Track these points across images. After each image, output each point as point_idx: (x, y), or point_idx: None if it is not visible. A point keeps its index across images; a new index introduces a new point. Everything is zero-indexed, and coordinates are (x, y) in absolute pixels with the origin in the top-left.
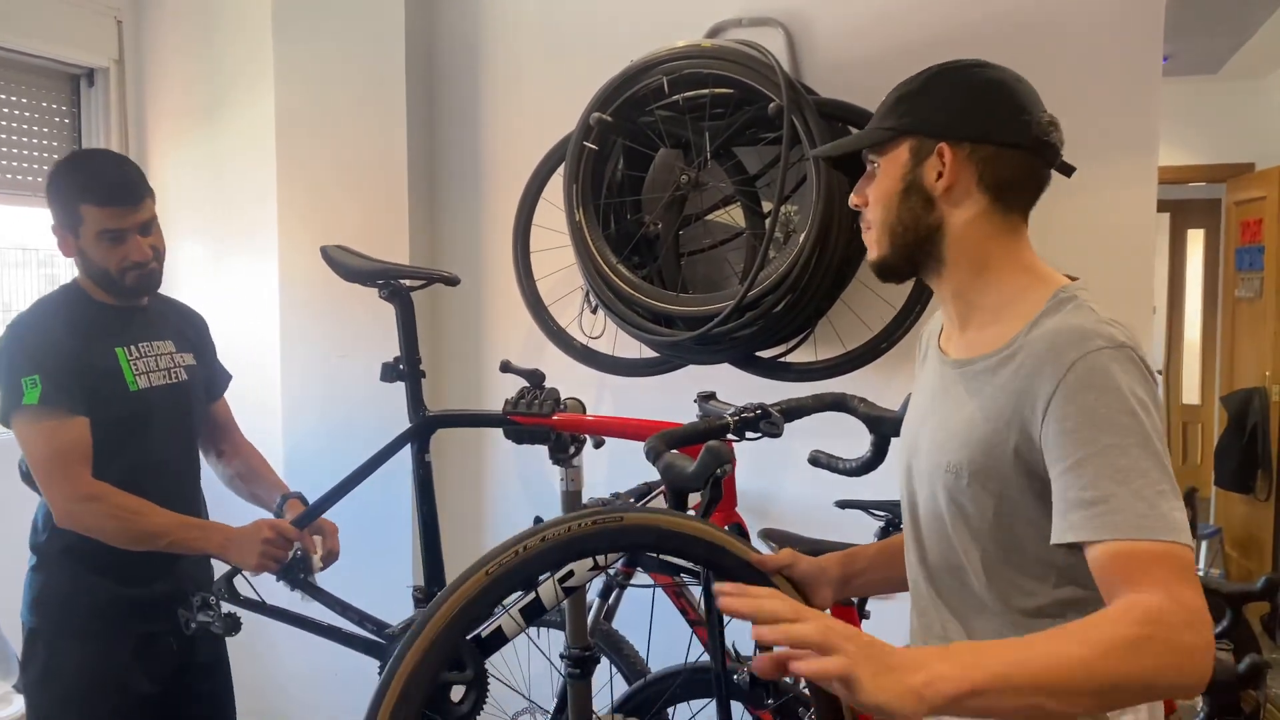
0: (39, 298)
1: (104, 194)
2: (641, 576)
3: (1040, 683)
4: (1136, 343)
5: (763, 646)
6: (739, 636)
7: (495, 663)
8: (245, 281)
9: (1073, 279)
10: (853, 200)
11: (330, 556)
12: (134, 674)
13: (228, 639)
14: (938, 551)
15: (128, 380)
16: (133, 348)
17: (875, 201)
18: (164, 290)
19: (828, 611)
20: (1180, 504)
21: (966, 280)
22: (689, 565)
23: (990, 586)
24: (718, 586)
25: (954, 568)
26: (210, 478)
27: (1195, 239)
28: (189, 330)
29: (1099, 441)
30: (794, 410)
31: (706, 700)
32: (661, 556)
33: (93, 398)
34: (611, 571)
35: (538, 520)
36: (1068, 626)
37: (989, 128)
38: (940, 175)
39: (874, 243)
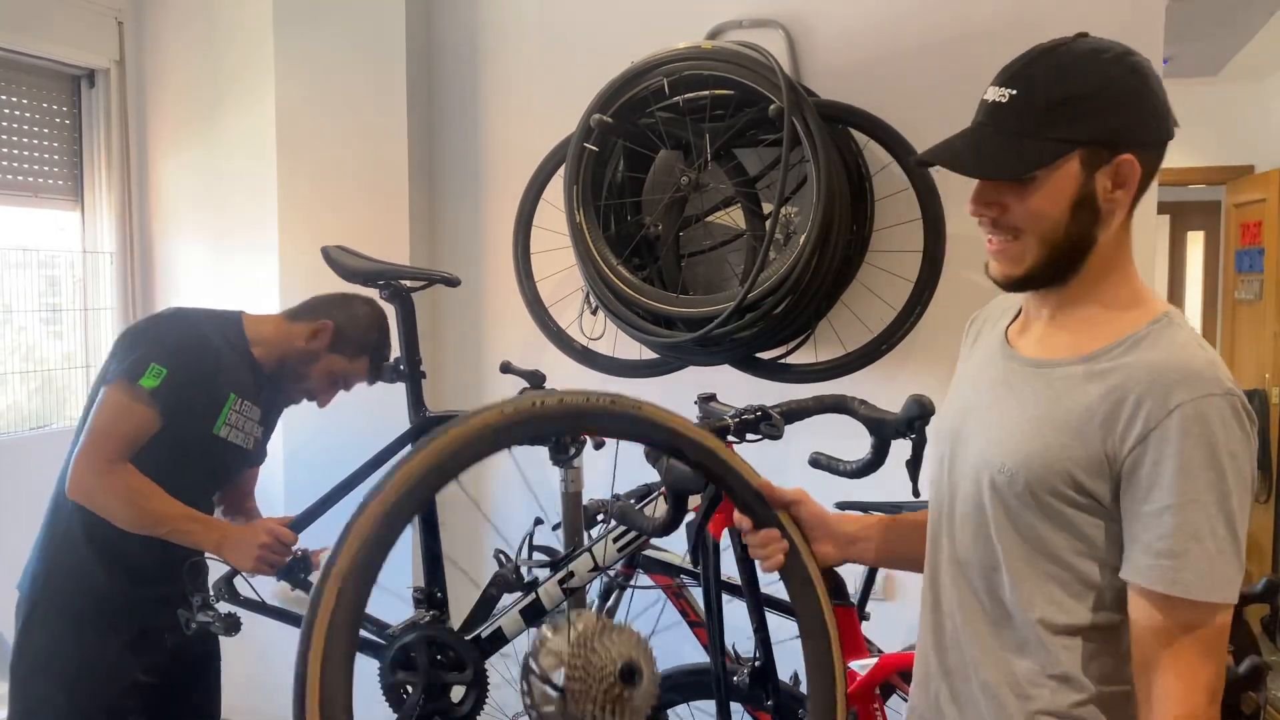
0: (210, 308)
1: (374, 371)
2: (641, 578)
3: None
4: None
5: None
6: (739, 638)
7: (494, 663)
8: (246, 282)
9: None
10: (979, 209)
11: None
12: (129, 663)
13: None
14: (971, 551)
15: (218, 422)
16: (240, 401)
17: (1037, 215)
18: (167, 292)
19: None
20: (1239, 562)
21: (1085, 290)
22: (690, 568)
23: (1021, 597)
24: None
25: (986, 570)
26: None
27: (1195, 241)
28: (273, 409)
29: (1185, 494)
30: (794, 412)
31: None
32: (663, 559)
33: (184, 415)
34: (611, 573)
35: (538, 521)
36: None
37: (1159, 130)
38: (1118, 187)
39: (1019, 257)
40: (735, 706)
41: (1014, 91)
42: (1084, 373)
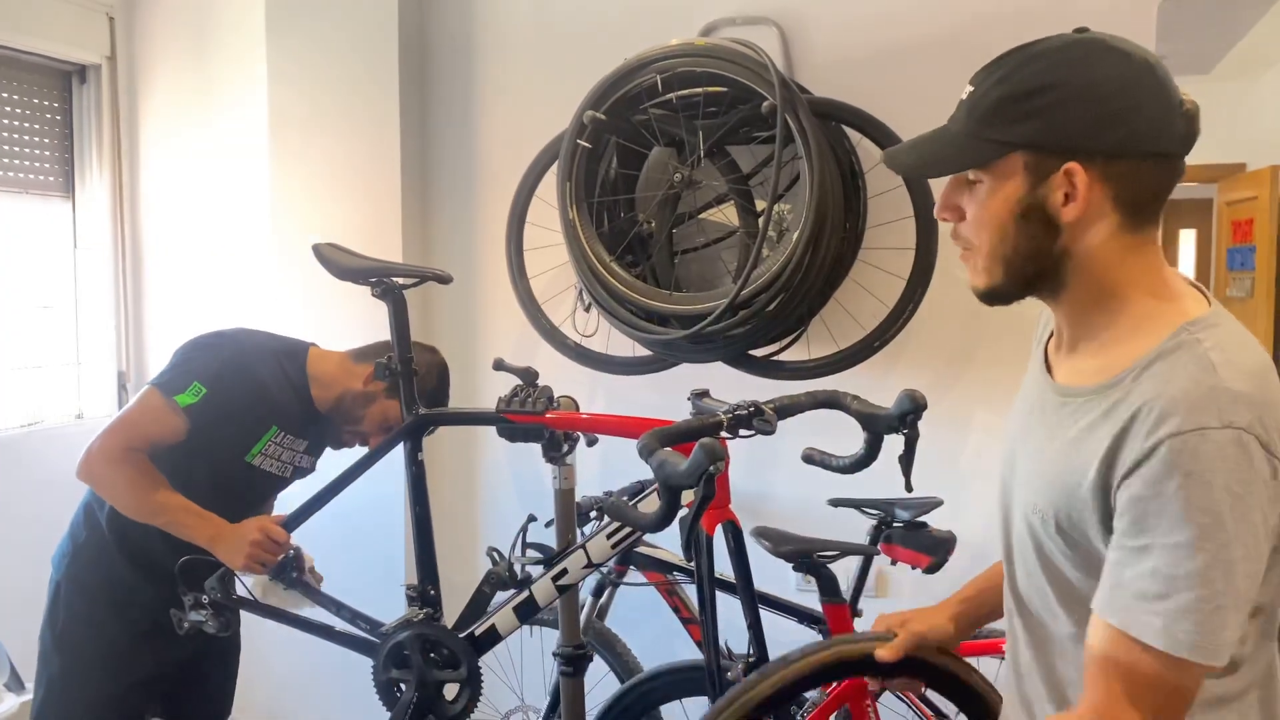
0: (280, 335)
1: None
2: (634, 575)
3: None
4: (1265, 404)
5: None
6: (732, 635)
7: (488, 661)
8: (238, 278)
9: (1202, 291)
10: (943, 214)
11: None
12: (143, 653)
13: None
14: (1026, 584)
15: (252, 451)
16: (281, 434)
17: (982, 225)
18: (161, 293)
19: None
20: (1235, 620)
21: (1088, 305)
22: (683, 565)
23: (1076, 632)
24: None
25: (1039, 604)
26: None
27: (1187, 239)
28: (324, 440)
29: (1171, 536)
30: (787, 408)
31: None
32: (656, 556)
33: (214, 438)
34: (604, 570)
35: (531, 518)
36: None
37: (1128, 138)
38: (1069, 199)
39: (981, 271)
40: None
41: (972, 88)
42: (1100, 404)
